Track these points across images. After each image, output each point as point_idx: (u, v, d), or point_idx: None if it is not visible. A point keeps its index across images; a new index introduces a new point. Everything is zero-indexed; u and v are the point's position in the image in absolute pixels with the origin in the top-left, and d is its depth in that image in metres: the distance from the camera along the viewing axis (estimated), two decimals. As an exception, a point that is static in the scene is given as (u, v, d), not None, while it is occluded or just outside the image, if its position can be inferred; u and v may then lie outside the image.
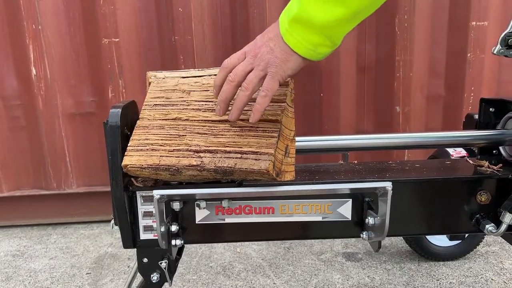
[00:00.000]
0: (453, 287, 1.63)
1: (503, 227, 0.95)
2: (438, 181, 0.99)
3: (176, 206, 0.93)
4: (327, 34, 0.76)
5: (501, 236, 1.04)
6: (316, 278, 1.72)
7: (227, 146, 0.88)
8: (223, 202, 0.94)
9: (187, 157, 0.89)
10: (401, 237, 1.90)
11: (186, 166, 0.88)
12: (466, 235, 1.71)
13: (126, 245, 0.97)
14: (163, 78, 1.03)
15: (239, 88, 0.84)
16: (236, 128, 0.91)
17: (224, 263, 1.86)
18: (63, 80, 2.11)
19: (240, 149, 0.87)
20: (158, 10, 2.07)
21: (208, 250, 1.96)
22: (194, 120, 0.94)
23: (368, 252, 1.91)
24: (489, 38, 2.12)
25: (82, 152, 2.21)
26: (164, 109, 0.98)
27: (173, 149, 0.91)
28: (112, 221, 1.02)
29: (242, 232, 1.00)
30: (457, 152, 1.30)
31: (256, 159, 0.85)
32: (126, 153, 0.91)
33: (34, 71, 2.07)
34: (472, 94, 2.18)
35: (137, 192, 0.95)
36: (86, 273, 1.82)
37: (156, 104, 0.99)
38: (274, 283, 1.69)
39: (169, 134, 0.94)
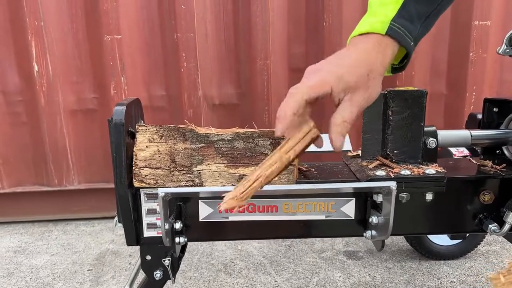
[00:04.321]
0: (454, 286, 1.63)
1: (507, 226, 0.96)
2: (442, 180, 0.99)
3: None
4: None
5: (503, 236, 1.04)
6: (317, 276, 1.72)
7: None
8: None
9: None
10: (402, 236, 1.90)
11: None
12: (467, 234, 1.72)
13: (129, 243, 0.97)
14: None
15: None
16: None
17: (225, 260, 1.86)
18: (65, 76, 2.11)
19: None
20: (161, 7, 2.07)
21: (209, 248, 1.96)
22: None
23: (369, 250, 1.91)
24: (492, 38, 2.12)
25: (84, 148, 2.21)
26: None
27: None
28: (116, 218, 1.02)
29: (246, 230, 1.00)
30: (459, 152, 1.30)
31: None
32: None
33: (36, 67, 2.07)
34: (474, 93, 2.18)
35: (141, 189, 0.95)
36: (88, 270, 1.83)
37: None
38: (275, 281, 1.69)
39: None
